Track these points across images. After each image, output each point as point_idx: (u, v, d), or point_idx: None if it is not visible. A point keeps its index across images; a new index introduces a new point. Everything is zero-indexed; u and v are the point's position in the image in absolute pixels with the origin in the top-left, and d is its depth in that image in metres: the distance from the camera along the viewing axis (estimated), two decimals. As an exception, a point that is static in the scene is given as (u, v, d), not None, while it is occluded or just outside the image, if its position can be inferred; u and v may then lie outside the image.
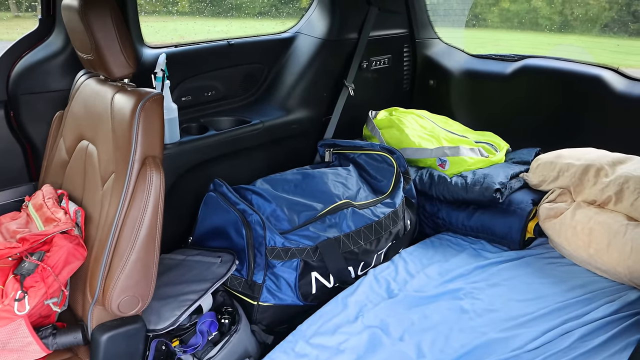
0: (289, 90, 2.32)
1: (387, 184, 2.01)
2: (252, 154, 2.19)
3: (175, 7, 2.96)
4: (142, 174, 1.28)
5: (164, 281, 1.68)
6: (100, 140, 1.42)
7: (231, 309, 1.70)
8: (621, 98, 2.08)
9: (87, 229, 1.42)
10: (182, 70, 2.04)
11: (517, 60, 2.48)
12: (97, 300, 1.32)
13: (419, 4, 2.66)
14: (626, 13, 3.58)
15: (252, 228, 1.69)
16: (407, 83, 2.76)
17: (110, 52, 1.33)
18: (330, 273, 1.76)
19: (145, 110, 1.28)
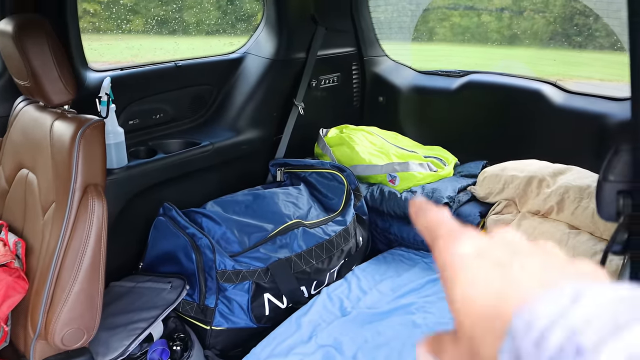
0: (239, 111, 2.32)
1: (338, 201, 2.03)
2: (202, 176, 2.17)
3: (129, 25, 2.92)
4: (83, 202, 1.25)
5: (113, 310, 1.63)
6: (40, 169, 1.38)
7: (183, 335, 1.67)
8: (559, 111, 2.17)
9: (28, 260, 1.38)
10: (129, 93, 2.01)
11: (462, 75, 2.55)
12: (40, 334, 1.28)
13: (365, 23, 2.71)
14: (570, 26, 3.74)
15: (202, 252, 1.68)
16: (357, 100, 2.80)
17: (48, 79, 1.30)
18: (282, 294, 1.75)
19: (85, 137, 1.26)
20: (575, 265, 0.27)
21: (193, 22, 3.10)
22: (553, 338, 0.22)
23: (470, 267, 0.27)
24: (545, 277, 0.26)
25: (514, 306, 0.24)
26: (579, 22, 3.66)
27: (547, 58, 4.07)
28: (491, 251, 0.28)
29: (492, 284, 0.26)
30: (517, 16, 4.18)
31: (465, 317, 0.26)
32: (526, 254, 0.28)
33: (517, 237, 0.30)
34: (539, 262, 0.27)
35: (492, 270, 0.27)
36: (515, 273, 0.26)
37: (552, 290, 0.24)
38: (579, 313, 0.22)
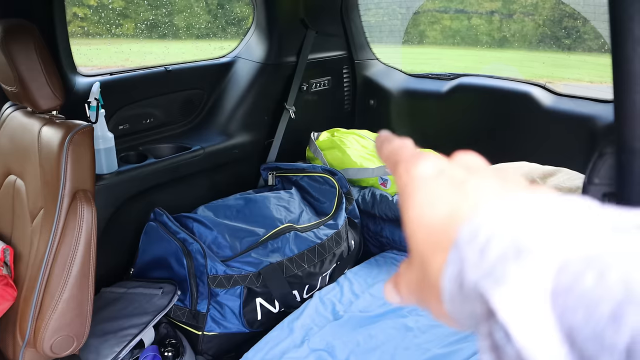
0: (230, 115, 2.32)
1: (329, 205, 2.02)
2: (193, 181, 2.16)
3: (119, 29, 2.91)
4: (72, 209, 1.25)
5: (104, 316, 1.62)
6: (28, 175, 1.37)
7: (175, 341, 1.66)
8: (548, 113, 2.18)
9: (16, 267, 1.36)
10: (119, 98, 2.00)
11: (452, 78, 2.56)
12: (28, 342, 1.26)
13: (355, 26, 2.72)
14: (558, 29, 3.77)
15: (193, 257, 1.67)
16: (348, 104, 2.80)
17: (36, 85, 1.29)
18: (275, 298, 1.75)
19: (73, 143, 1.25)
20: (534, 188, 0.27)
21: (183, 26, 3.09)
22: (496, 243, 0.22)
23: (426, 186, 0.27)
24: (499, 192, 0.26)
25: (465, 220, 0.24)
26: (568, 25, 3.69)
27: (537, 60, 4.10)
28: (450, 171, 0.28)
29: (445, 200, 0.26)
30: (507, 19, 4.21)
31: (416, 237, 0.26)
32: (484, 175, 0.28)
33: (479, 160, 0.30)
34: (495, 182, 0.27)
35: (447, 188, 0.27)
36: (469, 189, 0.26)
37: (501, 199, 0.24)
38: (524, 218, 0.22)
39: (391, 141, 0.33)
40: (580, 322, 0.19)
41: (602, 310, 0.18)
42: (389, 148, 0.33)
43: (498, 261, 0.21)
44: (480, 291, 0.22)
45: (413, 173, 0.28)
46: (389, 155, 0.32)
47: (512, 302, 0.20)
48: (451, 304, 0.24)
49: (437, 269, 0.24)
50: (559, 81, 4.03)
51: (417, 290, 0.27)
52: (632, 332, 0.17)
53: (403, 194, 0.28)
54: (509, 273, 0.21)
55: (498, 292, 0.21)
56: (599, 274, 0.19)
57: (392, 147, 0.32)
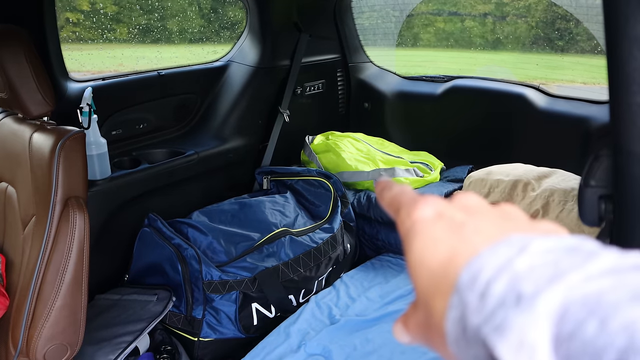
0: (224, 119, 2.31)
1: (325, 209, 2.02)
2: (188, 186, 2.15)
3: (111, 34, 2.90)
4: (64, 216, 1.23)
5: (98, 324, 1.61)
6: (20, 182, 1.36)
7: (170, 348, 1.64)
8: (543, 114, 2.18)
9: (8, 276, 1.35)
10: (111, 103, 1.99)
11: (446, 81, 2.56)
12: (21, 351, 1.25)
13: (349, 29, 2.72)
14: (551, 30, 3.78)
15: (188, 263, 1.66)
16: (342, 107, 2.80)
17: (26, 90, 1.28)
18: (270, 303, 1.74)
19: (65, 149, 1.24)
20: (536, 224, 0.28)
21: (176, 30, 3.08)
22: (496, 288, 0.22)
23: (426, 230, 0.27)
24: (499, 233, 0.26)
25: (464, 261, 0.24)
26: (561, 27, 3.70)
27: (530, 62, 4.12)
28: (450, 214, 0.28)
29: (445, 243, 0.26)
30: (500, 21, 4.22)
31: (418, 280, 0.27)
32: (483, 215, 0.28)
33: (478, 200, 0.30)
34: (495, 222, 0.27)
35: (447, 231, 0.27)
36: (468, 232, 0.26)
37: (500, 242, 0.24)
38: (523, 262, 0.22)
39: (391, 188, 0.34)
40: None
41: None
42: (390, 195, 0.33)
43: (498, 307, 0.21)
44: (483, 338, 0.22)
45: (414, 217, 0.29)
46: (391, 202, 0.33)
47: (515, 353, 0.20)
48: (456, 346, 0.24)
49: (440, 313, 0.25)
50: (553, 82, 4.04)
51: (424, 332, 0.27)
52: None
53: (406, 238, 0.29)
54: (510, 321, 0.21)
55: (501, 341, 0.21)
56: (600, 322, 0.19)
57: (393, 193, 0.33)
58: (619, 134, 0.49)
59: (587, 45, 3.53)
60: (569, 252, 0.22)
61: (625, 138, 0.49)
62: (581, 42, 3.61)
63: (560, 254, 0.22)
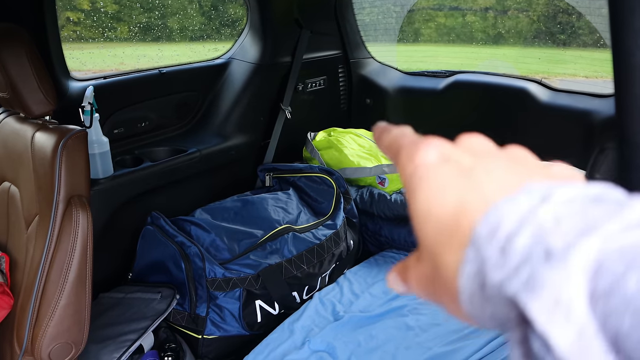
0: (225, 117, 2.30)
1: (327, 205, 2.01)
2: (190, 184, 2.14)
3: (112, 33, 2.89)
4: (67, 214, 1.23)
5: (102, 322, 1.61)
6: (22, 182, 1.36)
7: (174, 345, 1.65)
8: (545, 108, 2.17)
9: (12, 275, 1.35)
10: (113, 101, 1.99)
11: (448, 76, 2.55)
12: (26, 350, 1.25)
13: (350, 25, 2.71)
14: (553, 24, 3.77)
15: (191, 260, 1.66)
16: (344, 103, 2.79)
17: (27, 90, 1.28)
18: (274, 300, 1.74)
19: (67, 148, 1.24)
20: (549, 168, 0.26)
21: (177, 28, 3.08)
22: (519, 242, 0.20)
23: (432, 175, 0.25)
24: (512, 180, 0.24)
25: (477, 213, 0.22)
26: (562, 20, 3.68)
27: (532, 56, 4.10)
28: (456, 157, 0.26)
29: (454, 191, 0.24)
30: (502, 15, 4.20)
31: (424, 231, 0.24)
32: (492, 158, 0.26)
33: (486, 142, 0.28)
34: (506, 167, 0.25)
35: (454, 176, 0.24)
36: (478, 178, 0.24)
37: (520, 190, 0.22)
38: (547, 213, 0.20)
39: (390, 130, 0.31)
40: (627, 329, 0.17)
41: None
42: (389, 138, 0.31)
43: (523, 263, 0.20)
44: (509, 296, 0.20)
45: (416, 161, 0.26)
46: (389, 145, 0.30)
47: (550, 312, 0.19)
48: (470, 304, 0.22)
49: (452, 267, 0.23)
50: (555, 77, 4.03)
51: (429, 286, 0.25)
52: None
53: (408, 185, 0.26)
54: (541, 278, 0.19)
55: (533, 300, 0.19)
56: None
57: (392, 136, 0.31)
58: (625, 126, 0.48)
59: (589, 38, 3.51)
60: (596, 202, 0.20)
61: (631, 130, 0.48)
62: (583, 35, 3.59)
63: (586, 204, 0.20)
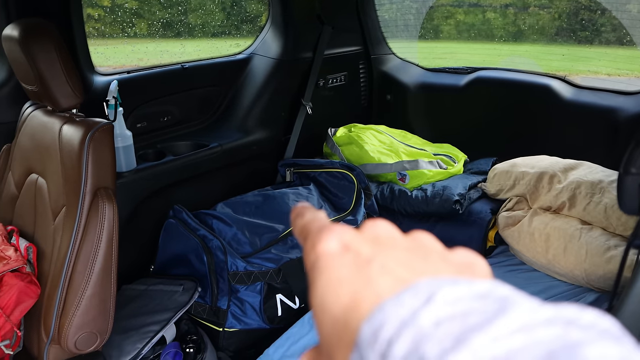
0: (247, 112, 2.32)
1: (348, 201, 2.01)
2: (211, 178, 2.16)
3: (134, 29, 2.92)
4: (94, 206, 1.25)
5: (125, 313, 1.63)
6: (50, 173, 1.38)
7: (196, 337, 1.66)
8: (569, 105, 2.15)
9: (39, 265, 1.37)
10: (136, 96, 2.01)
11: (469, 72, 2.54)
12: (53, 339, 1.27)
13: (372, 21, 2.70)
14: (575, 21, 3.72)
15: (213, 253, 1.67)
16: (364, 99, 2.79)
17: (55, 83, 1.30)
18: (295, 294, 1.74)
19: (94, 140, 1.25)
20: (450, 256, 0.25)
21: (199, 23, 3.10)
22: (398, 349, 0.19)
23: (330, 267, 0.24)
24: (406, 274, 0.23)
25: (367, 311, 0.22)
26: (585, 17, 3.63)
27: (554, 53, 4.05)
28: (357, 247, 0.25)
29: (348, 286, 0.23)
30: (522, 12, 4.16)
31: (321, 326, 0.24)
32: (392, 248, 0.25)
33: (389, 230, 0.27)
34: (404, 258, 0.24)
35: (351, 269, 0.24)
36: (373, 272, 0.23)
37: (406, 290, 0.21)
38: (428, 316, 0.20)
39: (304, 214, 0.31)
40: None
41: None
42: (301, 222, 0.30)
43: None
44: None
45: (318, 250, 0.26)
46: (301, 231, 0.30)
47: None
48: None
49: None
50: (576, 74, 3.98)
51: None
52: None
53: (310, 274, 0.25)
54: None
55: None
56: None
57: (304, 220, 0.30)
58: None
59: (612, 36, 3.46)
60: (480, 300, 0.20)
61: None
62: (605, 33, 3.54)
63: (470, 303, 0.20)
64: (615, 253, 1.64)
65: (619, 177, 0.67)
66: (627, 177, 0.61)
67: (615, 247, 1.66)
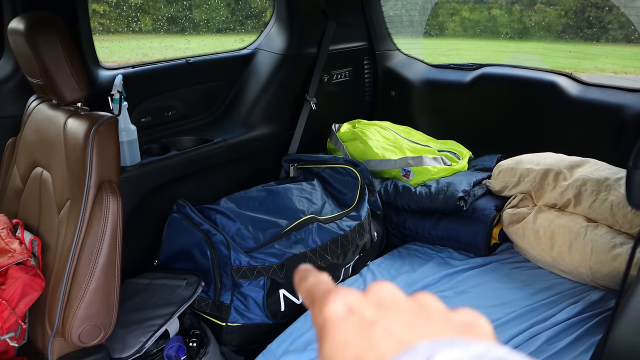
0: (251, 107, 2.31)
1: (352, 197, 2.01)
2: (215, 173, 2.16)
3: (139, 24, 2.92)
4: (98, 199, 1.25)
5: (129, 307, 1.63)
6: (55, 167, 1.38)
7: (199, 332, 1.66)
8: (575, 102, 2.14)
9: (44, 258, 1.38)
10: (141, 90, 2.01)
11: (475, 68, 2.53)
12: (57, 331, 1.28)
13: (377, 16, 2.69)
14: (581, 19, 3.70)
15: (217, 248, 1.67)
16: (369, 95, 2.78)
17: (61, 76, 1.30)
18: (298, 289, 1.74)
19: (99, 134, 1.25)
20: (452, 317, 0.26)
21: (203, 18, 3.09)
22: None
23: (336, 330, 0.26)
24: (408, 336, 0.24)
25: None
26: (591, 15, 3.61)
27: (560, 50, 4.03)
28: (361, 310, 0.26)
29: (353, 348, 0.24)
30: (528, 9, 4.14)
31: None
32: (396, 311, 0.26)
33: (393, 292, 0.28)
34: (406, 320, 0.25)
35: (355, 332, 0.25)
36: (376, 334, 0.25)
37: (405, 352, 0.22)
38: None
39: (307, 278, 0.32)
40: None
41: None
42: (306, 286, 0.31)
43: None
44: None
45: (325, 313, 0.27)
46: (307, 294, 0.31)
47: None
48: None
49: None
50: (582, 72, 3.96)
51: None
52: None
53: (318, 336, 0.27)
54: None
55: None
56: None
57: (308, 284, 0.31)
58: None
59: (619, 33, 3.44)
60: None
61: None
62: (612, 30, 3.52)
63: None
64: (621, 251, 1.64)
65: (627, 171, 0.66)
66: (637, 172, 0.60)
67: (621, 244, 1.66)
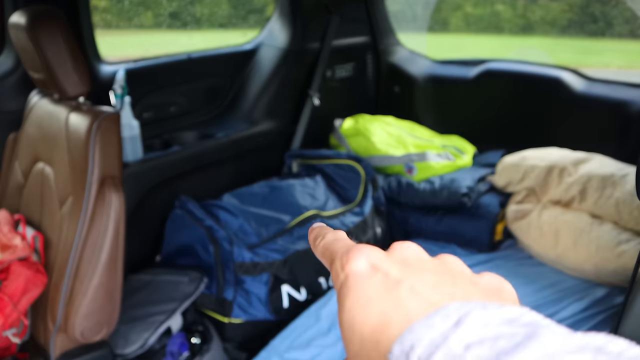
0: (254, 102, 2.30)
1: (355, 192, 2.00)
2: (218, 169, 2.15)
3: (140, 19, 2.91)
4: (100, 195, 1.24)
5: (131, 303, 1.63)
6: (57, 162, 1.37)
7: (202, 328, 1.66)
8: (580, 98, 2.12)
9: (46, 254, 1.37)
10: (143, 85, 2.00)
11: (478, 64, 2.51)
12: (60, 327, 1.27)
13: (380, 11, 2.67)
14: (585, 14, 3.68)
15: (220, 244, 1.66)
16: (372, 90, 2.77)
17: (62, 71, 1.29)
18: (301, 286, 1.74)
19: (101, 129, 1.25)
20: (478, 280, 0.26)
21: (206, 13, 3.08)
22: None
23: (359, 286, 0.25)
24: (435, 297, 0.24)
25: (397, 331, 0.22)
26: (595, 10, 3.59)
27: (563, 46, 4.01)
28: (386, 268, 0.26)
29: (377, 305, 0.24)
30: (532, 5, 4.12)
31: (350, 344, 0.24)
32: (421, 271, 0.26)
33: (417, 252, 0.28)
34: (432, 280, 0.25)
35: (380, 290, 0.25)
36: (403, 293, 0.24)
37: (436, 312, 0.22)
38: (459, 338, 0.20)
39: (324, 235, 0.31)
40: None
41: None
42: (323, 243, 0.31)
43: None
44: None
45: (347, 270, 0.26)
46: (324, 252, 0.30)
47: None
48: None
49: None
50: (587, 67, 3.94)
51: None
52: None
53: (339, 293, 0.26)
54: None
55: None
56: None
57: (326, 241, 0.31)
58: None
59: (623, 29, 3.42)
60: (510, 324, 0.20)
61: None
62: (617, 26, 3.50)
63: (500, 328, 0.20)
64: (626, 248, 1.62)
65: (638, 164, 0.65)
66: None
67: (626, 241, 1.65)
